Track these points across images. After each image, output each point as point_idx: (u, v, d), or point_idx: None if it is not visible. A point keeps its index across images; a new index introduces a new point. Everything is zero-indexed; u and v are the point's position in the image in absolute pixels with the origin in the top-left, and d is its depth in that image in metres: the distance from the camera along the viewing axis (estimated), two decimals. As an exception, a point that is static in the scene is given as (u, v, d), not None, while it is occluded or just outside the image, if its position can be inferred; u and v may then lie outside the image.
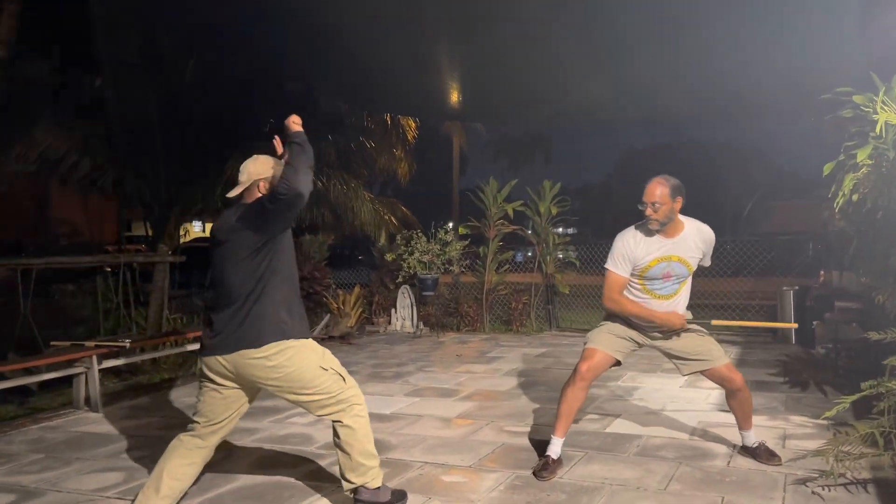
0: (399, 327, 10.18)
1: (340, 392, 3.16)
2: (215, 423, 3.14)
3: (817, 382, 5.85)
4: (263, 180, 3.12)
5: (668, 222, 3.68)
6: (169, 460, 3.10)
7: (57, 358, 5.59)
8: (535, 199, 9.94)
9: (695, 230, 3.78)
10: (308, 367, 3.09)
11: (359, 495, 3.25)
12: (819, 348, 7.20)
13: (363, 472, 3.22)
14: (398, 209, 16.50)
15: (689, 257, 3.74)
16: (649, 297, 3.78)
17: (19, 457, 4.40)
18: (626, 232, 3.82)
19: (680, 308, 3.81)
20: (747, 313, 9.19)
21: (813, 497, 3.35)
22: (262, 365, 3.01)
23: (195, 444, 3.14)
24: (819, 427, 4.52)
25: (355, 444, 3.18)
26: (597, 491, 3.52)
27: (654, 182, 3.68)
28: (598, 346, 3.84)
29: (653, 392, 5.74)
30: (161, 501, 3.01)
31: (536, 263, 9.97)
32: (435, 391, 6.02)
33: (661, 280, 3.74)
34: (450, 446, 4.37)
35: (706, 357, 3.82)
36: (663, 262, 3.71)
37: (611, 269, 3.80)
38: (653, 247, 3.72)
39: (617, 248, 3.79)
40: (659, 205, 3.63)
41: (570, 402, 3.82)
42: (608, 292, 3.81)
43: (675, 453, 4.10)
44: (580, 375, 3.79)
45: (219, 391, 3.11)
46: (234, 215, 3.09)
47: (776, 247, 9.48)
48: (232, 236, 3.05)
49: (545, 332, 9.62)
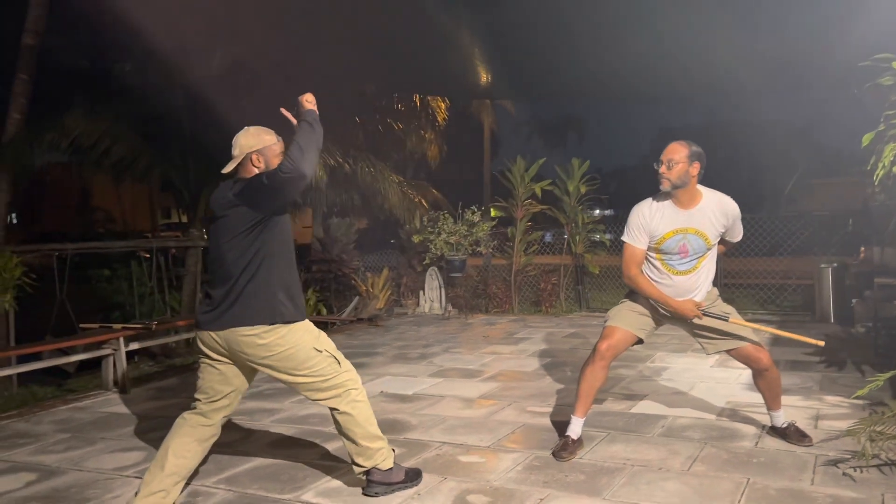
0: (427, 309, 10.14)
1: (335, 375, 3.11)
2: (215, 399, 3.12)
3: (855, 362, 5.65)
4: (256, 153, 3.02)
5: (682, 186, 3.51)
6: (174, 438, 3.09)
7: (83, 340, 5.67)
8: (563, 178, 9.78)
9: (714, 202, 3.60)
10: (301, 347, 3.04)
11: (371, 477, 3.22)
12: (858, 327, 6.97)
13: (370, 454, 3.18)
14: (429, 192, 16.42)
15: (707, 230, 3.57)
16: (668, 272, 3.63)
17: (46, 437, 4.47)
18: (642, 203, 3.69)
19: (702, 285, 3.66)
20: (783, 293, 8.94)
21: (844, 478, 3.21)
22: (254, 343, 2.97)
23: (199, 422, 3.12)
24: (854, 407, 4.34)
25: (357, 430, 3.15)
26: (617, 472, 3.43)
27: (673, 142, 3.57)
28: (619, 323, 3.73)
29: (682, 372, 5.60)
30: (167, 479, 3.00)
31: (565, 244, 9.82)
32: (459, 372, 5.97)
33: (678, 255, 3.59)
34: (470, 427, 4.31)
35: (732, 336, 3.68)
36: (678, 235, 3.56)
37: (627, 242, 3.68)
38: (668, 217, 3.57)
39: (632, 220, 3.66)
40: (674, 163, 3.48)
41: (590, 382, 3.72)
42: (626, 267, 3.69)
43: (701, 434, 3.98)
44: (599, 354, 3.68)
45: (215, 367, 3.09)
46: (231, 190, 3.01)
47: (813, 223, 9.17)
48: (228, 212, 2.98)
49: (575, 312, 9.49)
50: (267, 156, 3.04)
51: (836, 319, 7.77)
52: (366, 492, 3.25)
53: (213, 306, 2.99)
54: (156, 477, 3.00)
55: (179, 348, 7.97)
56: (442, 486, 3.32)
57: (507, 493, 3.21)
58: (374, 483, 3.22)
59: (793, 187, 28.43)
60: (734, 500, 3.03)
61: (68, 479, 3.64)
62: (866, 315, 6.68)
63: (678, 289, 3.64)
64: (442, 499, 3.18)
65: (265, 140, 3.06)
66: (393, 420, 4.47)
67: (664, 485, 3.24)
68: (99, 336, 5.75)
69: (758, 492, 3.10)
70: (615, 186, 43.92)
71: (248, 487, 3.41)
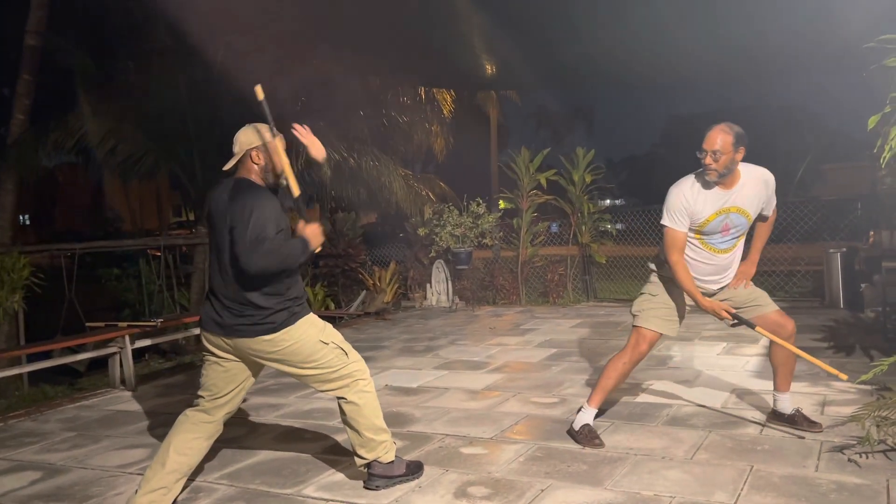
0: (434, 302, 10.13)
1: (343, 366, 3.11)
2: (219, 396, 3.11)
3: (864, 347, 5.59)
4: (255, 149, 3.01)
5: (728, 174, 3.40)
6: (176, 435, 3.09)
7: (89, 338, 5.69)
8: (568, 168, 9.73)
9: (754, 176, 3.49)
10: (307, 341, 3.04)
11: (372, 470, 3.22)
12: (868, 312, 6.89)
13: (373, 447, 3.18)
14: (437, 185, 16.40)
15: (749, 206, 3.47)
16: (708, 251, 3.55)
17: (52, 435, 4.50)
18: (682, 183, 3.51)
19: (737, 260, 3.61)
20: (792, 279, 8.85)
21: (849, 465, 3.17)
22: (261, 340, 2.97)
23: (201, 419, 3.12)
24: (862, 393, 4.29)
25: (362, 421, 3.14)
26: (620, 461, 3.41)
27: (716, 129, 3.38)
28: (653, 327, 3.66)
29: (689, 360, 5.56)
30: (168, 476, 3.00)
31: (572, 234, 9.77)
32: (464, 364, 5.95)
33: (719, 234, 3.50)
34: (473, 419, 4.29)
35: (758, 303, 3.62)
36: (721, 215, 3.45)
37: (669, 226, 3.51)
38: (710, 199, 3.44)
39: (673, 203, 3.49)
40: (720, 154, 3.33)
41: (619, 380, 3.73)
42: (669, 252, 3.53)
43: (705, 422, 3.94)
44: (639, 355, 3.68)
45: (220, 364, 3.08)
46: (228, 194, 2.98)
47: (822, 209, 9.06)
48: (223, 219, 2.95)
49: (582, 303, 9.44)
50: (267, 153, 3.03)
51: (845, 305, 7.69)
52: (367, 485, 3.24)
53: (218, 312, 2.99)
54: (157, 474, 3.00)
55: (189, 345, 8.00)
56: (443, 479, 3.31)
57: (508, 485, 3.20)
58: (374, 476, 3.21)
59: (804, 172, 28.16)
60: (737, 487, 3.00)
61: (72, 477, 3.66)
62: (875, 300, 6.61)
63: (717, 266, 3.58)
64: (443, 491, 3.17)
65: (265, 137, 3.05)
66: (396, 413, 4.47)
67: (667, 473, 3.21)
68: (104, 335, 5.77)
69: (761, 479, 3.07)
70: (625, 176, 43.72)
71: (249, 483, 3.41)
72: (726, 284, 3.65)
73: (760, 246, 3.81)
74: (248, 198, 2.91)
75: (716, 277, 3.62)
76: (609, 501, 2.95)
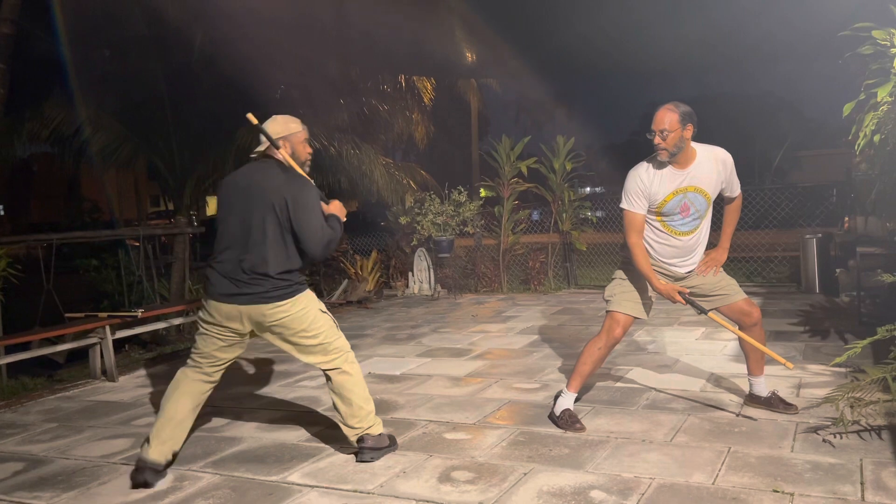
0: (417, 290, 10.15)
1: (338, 338, 3.32)
2: (218, 364, 3.34)
3: (838, 331, 5.70)
4: (282, 139, 3.20)
5: (679, 152, 3.46)
6: (176, 390, 3.33)
7: (68, 329, 5.65)
8: (549, 156, 9.77)
9: (709, 156, 3.55)
10: (310, 309, 3.24)
11: (363, 443, 3.35)
12: (843, 296, 7.02)
13: (364, 415, 3.33)
14: (417, 173, 16.35)
15: (707, 186, 3.53)
16: (669, 233, 3.60)
17: (33, 426, 4.47)
18: (638, 167, 3.60)
19: (702, 243, 3.67)
20: (770, 265, 8.99)
21: (823, 445, 3.25)
22: (275, 304, 3.16)
23: (200, 378, 3.34)
24: (836, 375, 4.39)
25: (357, 390, 3.32)
26: (601, 444, 3.46)
27: (662, 109, 3.46)
28: (625, 310, 3.70)
29: (668, 345, 5.64)
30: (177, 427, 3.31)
31: (553, 221, 9.83)
32: (447, 351, 5.99)
33: (679, 215, 3.56)
34: (456, 405, 4.33)
35: (726, 292, 3.68)
36: (679, 195, 3.51)
37: (626, 209, 3.60)
38: (666, 180, 3.51)
39: (630, 185, 3.57)
40: (668, 132, 3.41)
41: (596, 365, 3.77)
42: (627, 235, 3.61)
43: (684, 405, 4.01)
44: (614, 340, 3.72)
45: (219, 337, 3.24)
46: (282, 174, 3.17)
47: (798, 195, 9.20)
48: (276, 195, 3.11)
49: (563, 290, 9.52)
50: (292, 142, 3.25)
51: (821, 289, 7.82)
52: (360, 458, 3.37)
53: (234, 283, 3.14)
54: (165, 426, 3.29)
55: (170, 335, 7.95)
56: (427, 464, 3.35)
57: (491, 469, 3.24)
58: (366, 449, 3.35)
59: (782, 159, 28.48)
60: (714, 468, 3.07)
61: (55, 468, 3.65)
62: (850, 284, 6.74)
63: (680, 249, 3.63)
64: (427, 476, 3.20)
65: (291, 128, 3.27)
66: (380, 400, 4.48)
67: (646, 456, 3.27)
68: (84, 325, 5.73)
69: (738, 460, 3.14)
70: (606, 163, 43.92)
71: (234, 471, 3.42)
72: (693, 269, 3.70)
73: (730, 231, 3.86)
74: (306, 184, 3.18)
75: (679, 260, 3.67)
76: (591, 484, 3.00)
